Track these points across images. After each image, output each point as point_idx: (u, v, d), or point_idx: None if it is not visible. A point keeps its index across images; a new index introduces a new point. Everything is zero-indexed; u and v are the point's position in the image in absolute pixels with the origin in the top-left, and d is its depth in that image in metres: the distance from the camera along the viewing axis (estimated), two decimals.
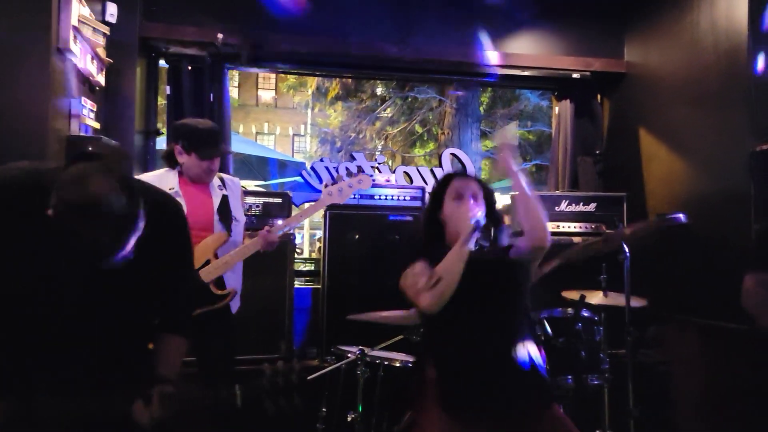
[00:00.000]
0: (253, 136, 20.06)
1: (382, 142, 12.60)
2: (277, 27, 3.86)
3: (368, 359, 2.66)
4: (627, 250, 2.77)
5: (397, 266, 2.04)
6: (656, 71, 3.93)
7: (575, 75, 4.25)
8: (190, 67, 3.86)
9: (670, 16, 3.75)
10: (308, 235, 12.00)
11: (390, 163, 12.26)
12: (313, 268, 4.30)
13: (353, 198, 3.69)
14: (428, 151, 12.23)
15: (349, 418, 2.64)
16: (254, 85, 21.56)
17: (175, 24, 3.72)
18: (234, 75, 18.00)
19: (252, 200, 3.61)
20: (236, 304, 2.66)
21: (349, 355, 2.70)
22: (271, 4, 3.80)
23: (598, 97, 4.47)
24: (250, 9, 3.83)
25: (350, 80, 11.04)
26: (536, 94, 10.65)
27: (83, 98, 2.92)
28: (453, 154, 4.43)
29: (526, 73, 4.27)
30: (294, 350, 3.62)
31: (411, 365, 2.60)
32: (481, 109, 11.05)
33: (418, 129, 12.01)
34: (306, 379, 1.48)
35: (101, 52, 3.09)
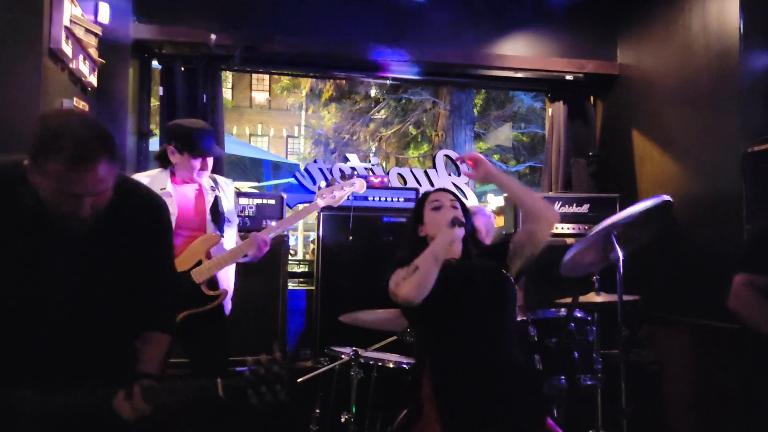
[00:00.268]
0: (246, 137, 20.03)
1: (376, 144, 12.60)
2: (271, 28, 3.86)
3: (362, 360, 2.66)
4: (619, 250, 2.78)
5: (390, 267, 2.04)
6: (649, 73, 3.95)
7: (568, 77, 4.27)
8: (183, 68, 3.85)
9: (663, 18, 3.77)
10: (302, 237, 11.99)
11: (384, 165, 12.26)
12: (306, 269, 4.30)
13: (347, 200, 3.68)
14: (422, 152, 12.24)
15: (342, 419, 2.64)
16: (248, 87, 21.52)
17: (168, 25, 3.71)
18: (227, 76, 17.93)
19: (245, 202, 3.60)
20: (229, 305, 2.65)
21: (343, 356, 2.70)
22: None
23: (591, 98, 4.49)
24: (243, 10, 3.83)
25: (344, 82, 11.04)
26: (530, 96, 10.68)
27: (75, 99, 2.90)
28: (447, 156, 4.44)
29: (519, 74, 4.29)
30: (287, 351, 3.61)
31: (406, 366, 2.60)
32: (474, 110, 11.08)
33: (412, 131, 12.02)
34: (291, 369, 1.46)
35: (93, 52, 3.07)
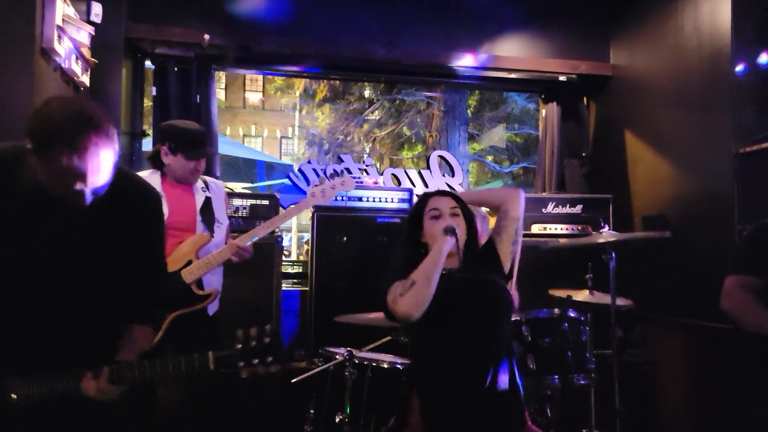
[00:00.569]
0: (240, 138, 19.98)
1: (370, 145, 12.60)
2: (264, 28, 3.85)
3: (356, 360, 2.65)
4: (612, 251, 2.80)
5: (386, 268, 2.04)
6: (641, 74, 3.97)
7: (562, 78, 4.28)
8: (176, 68, 3.83)
9: (655, 19, 3.79)
10: (296, 238, 11.97)
11: (378, 166, 12.26)
12: (300, 270, 4.29)
13: (341, 200, 3.69)
14: (416, 153, 12.26)
15: (337, 420, 2.63)
16: (241, 87, 21.47)
17: (161, 24, 3.69)
18: (221, 77, 17.91)
19: (239, 202, 3.59)
20: (214, 306, 2.64)
21: (337, 357, 2.70)
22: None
23: (585, 99, 4.50)
24: (237, 10, 3.82)
25: (338, 82, 11.04)
26: (523, 97, 10.72)
27: None
28: (441, 157, 4.44)
29: (513, 75, 4.30)
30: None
31: (400, 367, 2.60)
32: (468, 111, 11.10)
33: (406, 131, 12.03)
34: (278, 338, 1.48)
35: (86, 52, 3.05)
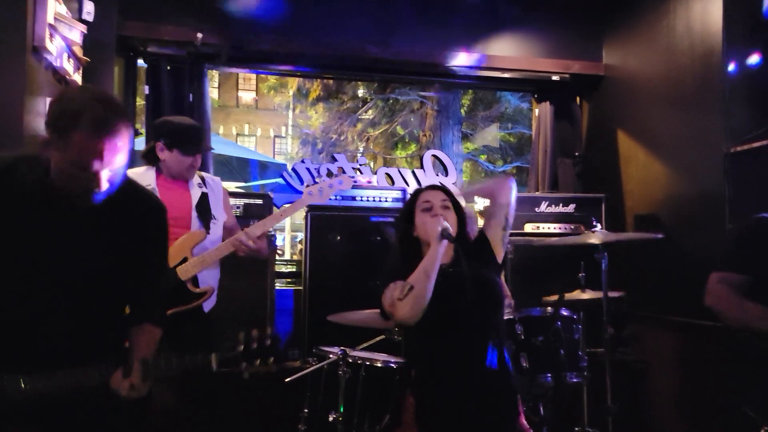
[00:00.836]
0: (233, 137, 19.91)
1: (364, 144, 12.61)
2: (258, 27, 3.84)
3: (350, 360, 2.65)
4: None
5: (379, 267, 2.04)
6: (634, 74, 3.99)
7: (555, 77, 4.30)
8: (169, 67, 3.82)
9: (647, 19, 3.81)
10: (290, 237, 11.96)
11: (371, 165, 12.25)
12: (294, 269, 4.28)
13: (335, 199, 3.69)
14: (410, 152, 12.27)
15: (330, 419, 2.63)
16: (234, 86, 21.41)
17: (153, 23, 3.68)
18: (214, 75, 17.86)
19: (233, 201, 3.57)
20: (210, 303, 2.64)
21: (331, 356, 2.69)
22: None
23: (578, 99, 4.52)
24: (230, 8, 3.80)
25: (331, 81, 11.02)
26: (517, 96, 10.75)
27: None
28: (434, 156, 4.45)
29: (506, 75, 4.31)
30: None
31: (394, 365, 2.61)
32: (462, 111, 11.12)
33: (400, 131, 12.04)
34: (278, 340, 1.53)
35: (78, 50, 3.03)
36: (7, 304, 1.47)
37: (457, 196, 2.17)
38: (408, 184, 4.21)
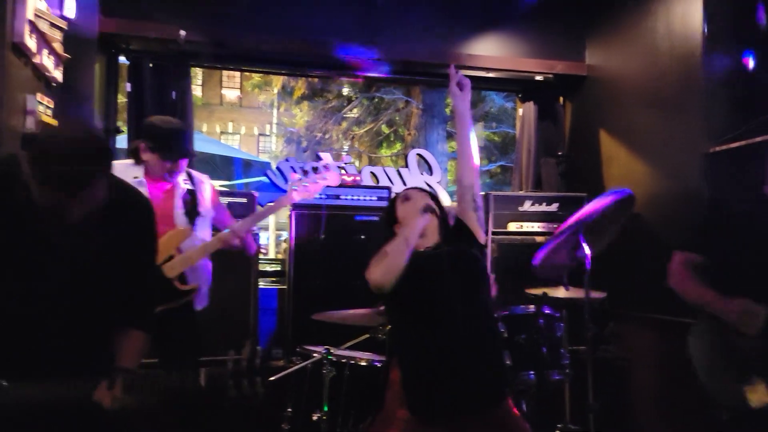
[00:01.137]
0: (217, 135, 19.79)
1: (349, 143, 12.59)
2: (242, 25, 3.82)
3: (334, 359, 2.66)
4: (587, 248, 2.84)
5: (364, 266, 2.05)
6: (616, 74, 4.03)
7: (538, 77, 4.33)
8: (151, 65, 3.78)
9: (630, 21, 3.85)
10: (274, 236, 11.90)
11: (356, 164, 12.26)
12: (279, 268, 4.27)
13: (320, 198, 3.68)
14: (395, 151, 12.28)
15: (314, 418, 2.63)
16: (218, 84, 21.26)
17: (136, 20, 3.63)
18: (197, 73, 17.69)
19: None
20: (202, 301, 2.62)
21: (315, 355, 2.70)
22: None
23: (561, 99, 4.56)
24: (214, 6, 3.77)
25: (316, 80, 10.98)
26: (501, 96, 10.80)
27: (39, 94, 2.83)
28: (419, 155, 4.46)
29: (490, 74, 4.33)
30: (259, 350, 3.58)
31: (378, 364, 2.61)
32: (447, 110, 11.15)
33: (385, 129, 12.04)
34: (267, 364, 1.51)
35: (58, 47, 2.99)
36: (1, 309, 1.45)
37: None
38: (393, 183, 4.21)
